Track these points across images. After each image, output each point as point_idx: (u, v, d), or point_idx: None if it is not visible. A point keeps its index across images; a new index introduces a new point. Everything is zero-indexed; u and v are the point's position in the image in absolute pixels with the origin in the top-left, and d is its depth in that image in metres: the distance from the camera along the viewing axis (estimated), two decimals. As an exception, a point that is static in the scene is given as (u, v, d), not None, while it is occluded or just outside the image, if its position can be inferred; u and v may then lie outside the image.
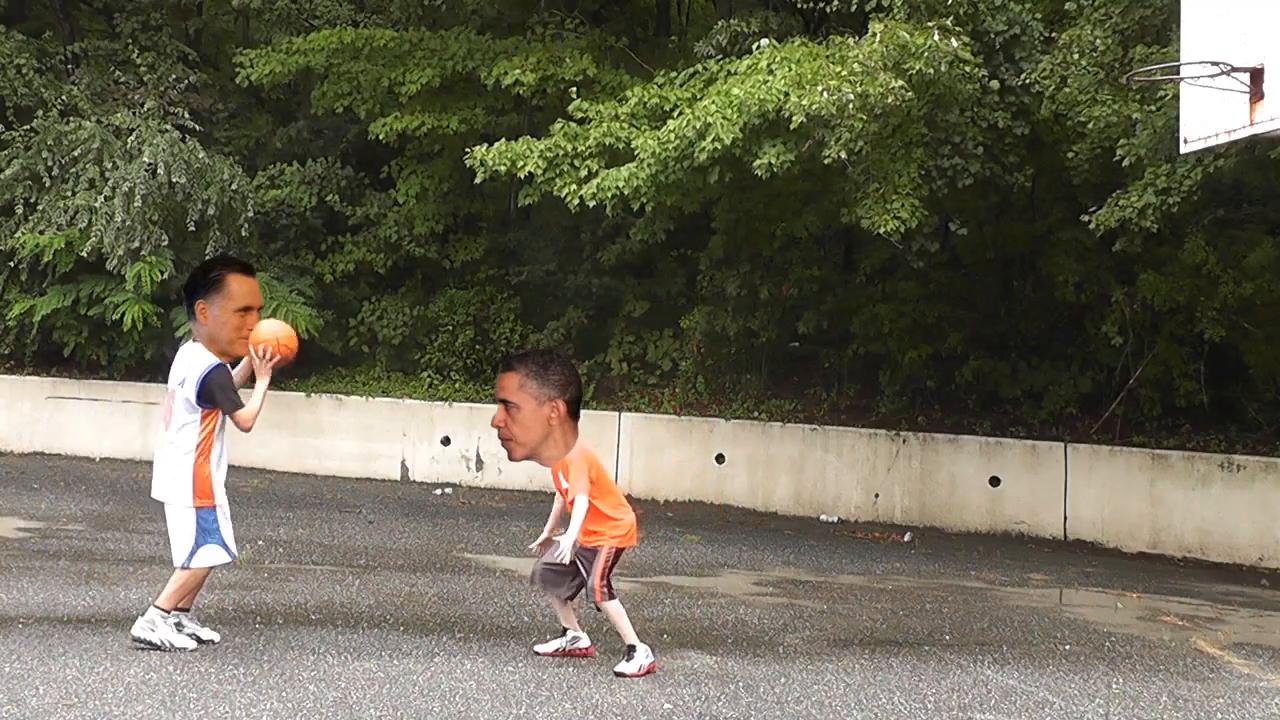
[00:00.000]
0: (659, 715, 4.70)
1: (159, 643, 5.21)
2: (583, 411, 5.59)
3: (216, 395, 5.25)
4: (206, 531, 5.30)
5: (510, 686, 5.00)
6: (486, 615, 6.68)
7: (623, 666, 5.26)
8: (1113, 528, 12.16)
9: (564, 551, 5.23)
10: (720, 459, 13.70)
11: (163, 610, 5.29)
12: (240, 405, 5.28)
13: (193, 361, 5.29)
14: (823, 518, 13.03)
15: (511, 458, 5.33)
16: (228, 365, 5.34)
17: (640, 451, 13.90)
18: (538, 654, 5.55)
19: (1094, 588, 9.46)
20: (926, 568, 10.00)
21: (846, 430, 13.40)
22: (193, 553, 5.29)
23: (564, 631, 5.62)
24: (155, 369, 14.82)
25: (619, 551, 5.46)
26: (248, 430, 5.34)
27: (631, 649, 5.31)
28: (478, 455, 14.24)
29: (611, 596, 5.36)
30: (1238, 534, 11.61)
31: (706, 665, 5.67)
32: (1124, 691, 5.64)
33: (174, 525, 5.33)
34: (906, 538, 11.96)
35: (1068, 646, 6.78)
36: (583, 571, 5.35)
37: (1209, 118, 6.05)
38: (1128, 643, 6.98)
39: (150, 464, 5.63)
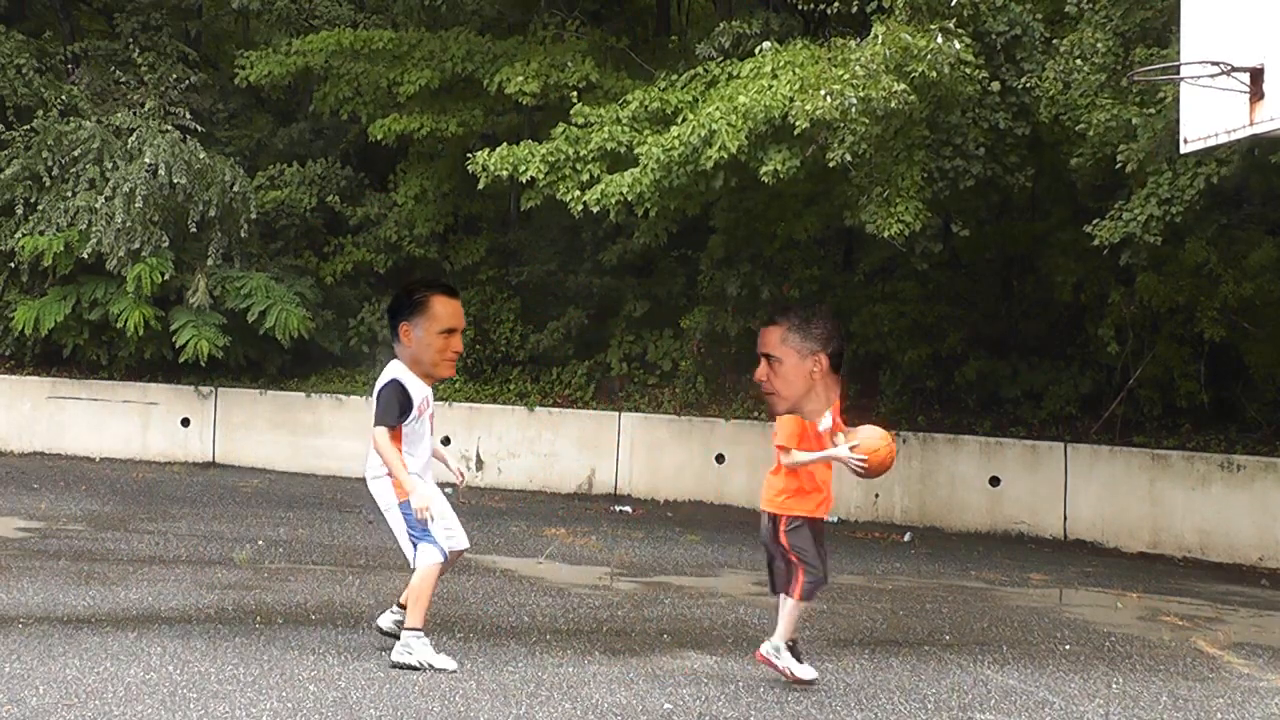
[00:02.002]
0: (659, 715, 4.71)
1: (417, 665, 5.18)
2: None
3: (378, 405, 5.31)
4: (416, 528, 5.32)
5: (510, 686, 5.00)
6: (486, 615, 6.68)
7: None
8: (1113, 528, 12.15)
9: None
10: (720, 459, 13.70)
11: (414, 630, 5.26)
12: (383, 421, 5.28)
13: (381, 378, 5.42)
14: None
15: (776, 411, 5.29)
16: (401, 385, 5.33)
17: (640, 451, 13.90)
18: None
19: (1094, 588, 9.46)
20: (926, 568, 10.00)
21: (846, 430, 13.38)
22: (415, 553, 5.32)
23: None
24: (155, 369, 14.82)
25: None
26: (379, 447, 5.30)
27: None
28: (478, 455, 14.24)
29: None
30: (1238, 534, 11.60)
31: (706, 665, 5.68)
32: (1124, 691, 5.64)
33: (394, 530, 5.43)
34: (906, 538, 11.96)
35: (1068, 646, 6.78)
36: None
37: (1209, 118, 6.05)
38: (1128, 643, 6.98)
39: (149, 464, 5.67)
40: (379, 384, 5.43)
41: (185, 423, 14.63)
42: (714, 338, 14.35)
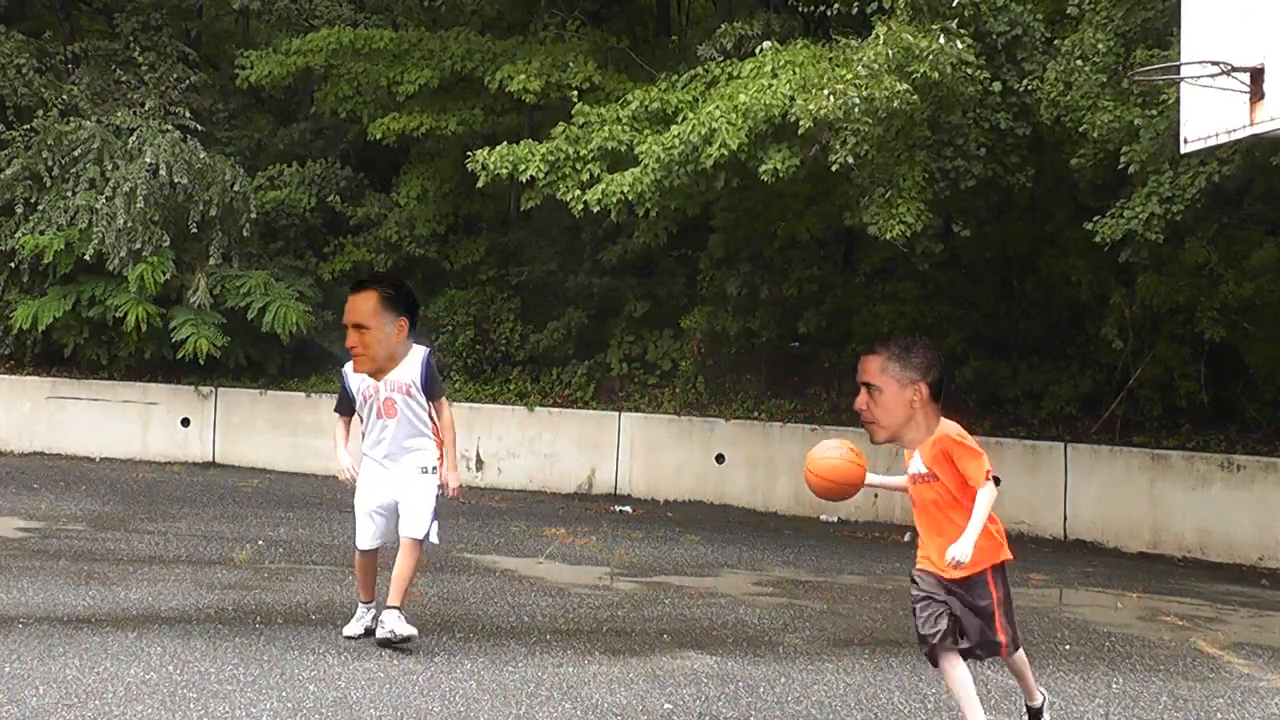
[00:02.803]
0: (659, 715, 4.71)
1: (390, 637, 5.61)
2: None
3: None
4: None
5: (510, 686, 5.00)
6: (486, 615, 6.68)
7: None
8: (1113, 528, 12.15)
9: (964, 550, 4.61)
10: (720, 459, 13.70)
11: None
12: (338, 408, 6.03)
13: None
14: (823, 518, 13.03)
15: (874, 440, 5.16)
16: (341, 375, 5.84)
17: (640, 451, 13.90)
18: None
19: (1094, 588, 9.46)
20: (927, 568, 9.98)
21: (846, 430, 13.38)
22: None
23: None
24: (155, 369, 14.81)
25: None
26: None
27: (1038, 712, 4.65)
28: (478, 455, 14.24)
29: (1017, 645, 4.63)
30: (1238, 534, 11.60)
31: (706, 665, 5.68)
32: (1124, 691, 5.64)
33: None
34: (906, 538, 11.94)
35: (1068, 646, 6.78)
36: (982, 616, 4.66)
37: (1209, 118, 6.04)
38: (1128, 643, 6.98)
39: (149, 464, 5.73)
40: None
41: (185, 423, 14.63)
42: (714, 338, 14.35)
